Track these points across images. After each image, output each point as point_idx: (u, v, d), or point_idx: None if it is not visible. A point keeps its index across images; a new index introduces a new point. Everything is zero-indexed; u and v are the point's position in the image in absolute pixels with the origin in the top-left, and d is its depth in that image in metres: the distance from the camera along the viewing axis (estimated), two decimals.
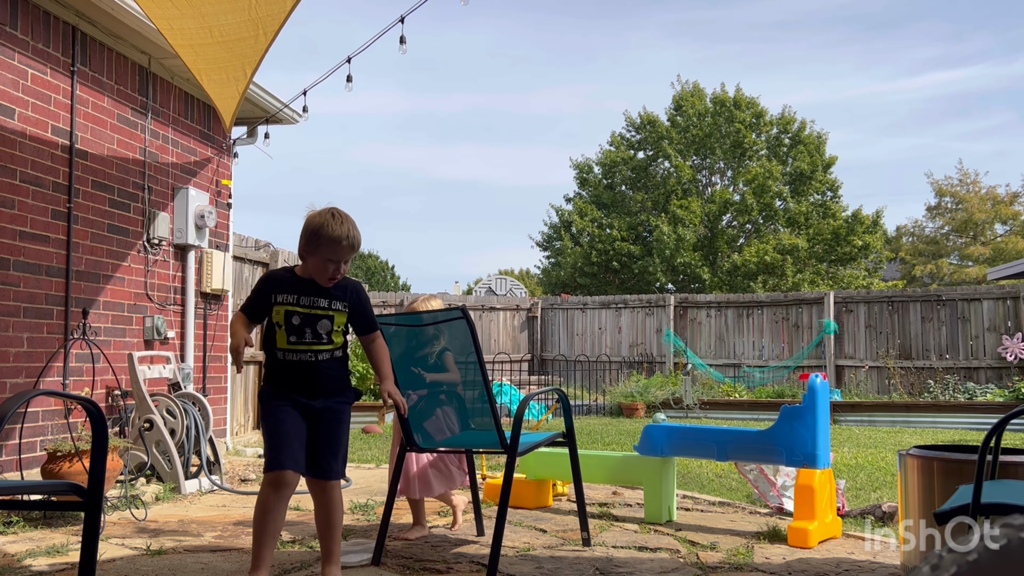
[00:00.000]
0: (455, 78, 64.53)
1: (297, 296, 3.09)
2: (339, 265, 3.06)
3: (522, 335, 16.19)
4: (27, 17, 4.98)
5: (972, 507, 2.46)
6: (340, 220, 3.04)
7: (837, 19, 48.70)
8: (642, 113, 25.61)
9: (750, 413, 11.41)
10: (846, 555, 3.71)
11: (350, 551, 3.61)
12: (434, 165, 65.23)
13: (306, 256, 3.08)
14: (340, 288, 3.14)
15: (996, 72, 48.21)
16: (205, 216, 6.50)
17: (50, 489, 3.07)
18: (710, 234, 24.03)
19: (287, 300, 3.09)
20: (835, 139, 52.75)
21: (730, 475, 5.98)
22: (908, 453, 3.41)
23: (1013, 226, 29.42)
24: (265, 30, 4.99)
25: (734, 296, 15.02)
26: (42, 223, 5.08)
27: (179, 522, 4.44)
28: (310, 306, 3.09)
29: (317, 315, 3.09)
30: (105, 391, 5.57)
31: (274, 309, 3.08)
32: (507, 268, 41.71)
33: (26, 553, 3.66)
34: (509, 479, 3.40)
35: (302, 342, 3.07)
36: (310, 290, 3.10)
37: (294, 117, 7.27)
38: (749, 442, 4.24)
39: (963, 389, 12.25)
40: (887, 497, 4.97)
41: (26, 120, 4.96)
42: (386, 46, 5.77)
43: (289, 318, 3.07)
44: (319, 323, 3.09)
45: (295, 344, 3.08)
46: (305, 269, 3.12)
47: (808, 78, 51.24)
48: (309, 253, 3.06)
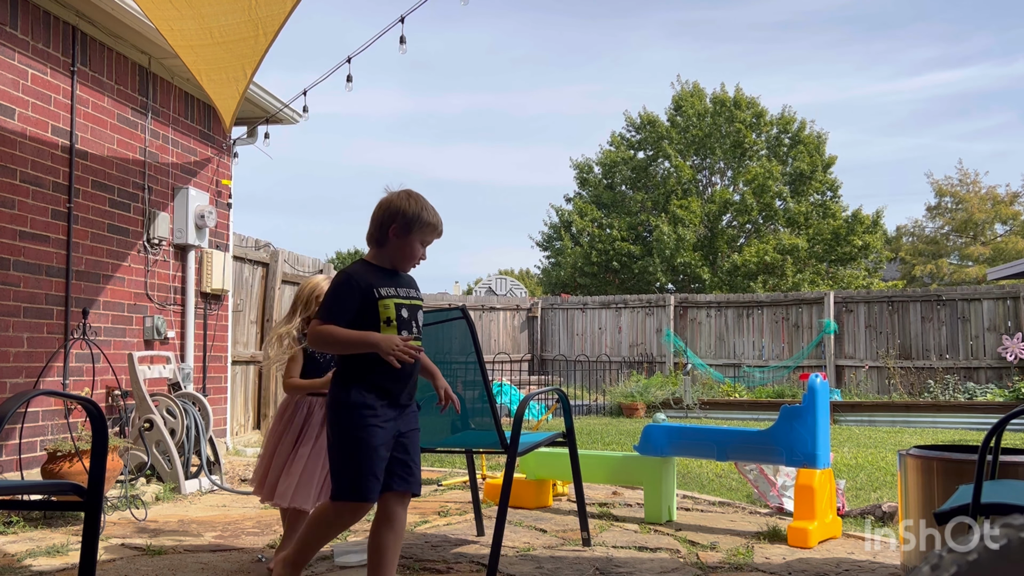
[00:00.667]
0: (456, 78, 64.57)
1: (396, 288, 2.85)
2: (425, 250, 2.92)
3: (522, 335, 16.19)
4: (27, 17, 4.98)
5: (972, 507, 2.46)
6: (431, 207, 2.90)
7: (838, 19, 48.69)
8: (642, 113, 25.61)
9: (750, 413, 11.40)
10: (846, 555, 3.71)
11: (350, 551, 3.61)
12: (434, 165, 65.26)
13: (393, 240, 2.85)
14: (412, 279, 2.98)
15: (996, 72, 48.23)
16: (205, 216, 6.50)
17: (50, 489, 3.07)
18: (710, 234, 24.02)
19: (390, 292, 2.82)
20: (835, 139, 52.78)
21: (730, 475, 5.98)
22: (908, 453, 3.41)
23: (1013, 226, 29.41)
24: (265, 30, 4.99)
25: (734, 296, 15.03)
26: (42, 223, 5.08)
27: (179, 522, 4.44)
28: (408, 297, 2.88)
29: (416, 305, 2.90)
30: (105, 391, 5.57)
31: (381, 304, 2.78)
32: (507, 268, 41.69)
33: (26, 553, 3.66)
34: (509, 479, 3.40)
35: (412, 337, 2.84)
36: (400, 281, 2.90)
37: (294, 117, 7.27)
38: (749, 442, 4.24)
39: (963, 389, 12.25)
40: (887, 497, 4.97)
41: (26, 120, 4.96)
42: (387, 46, 5.77)
43: (399, 311, 2.81)
44: (418, 314, 2.90)
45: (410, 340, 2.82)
46: (382, 257, 2.89)
47: (809, 78, 51.24)
48: (399, 237, 2.84)
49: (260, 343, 8.54)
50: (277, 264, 8.67)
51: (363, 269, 2.86)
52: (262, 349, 8.43)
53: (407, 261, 2.90)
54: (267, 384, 8.49)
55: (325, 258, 12.49)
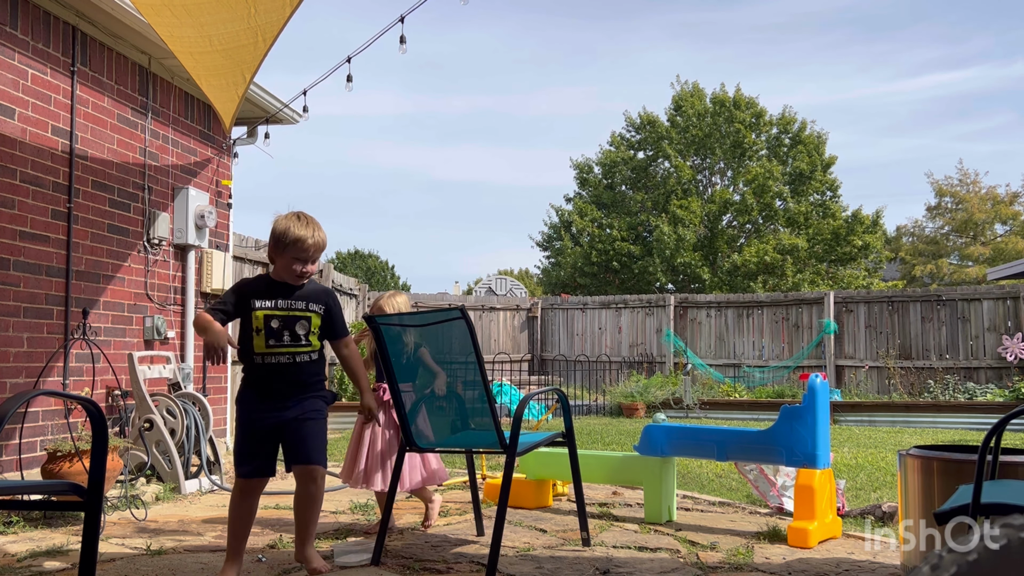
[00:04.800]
0: (456, 79, 64.55)
1: (275, 300, 3.24)
2: (306, 264, 3.24)
3: (522, 335, 16.19)
4: (27, 17, 4.98)
5: (972, 507, 2.46)
6: (305, 222, 3.26)
7: (839, 21, 48.71)
8: (642, 113, 25.61)
9: (750, 413, 11.40)
10: (846, 555, 3.71)
11: (350, 551, 3.60)
12: (434, 165, 65.25)
13: (275, 258, 3.25)
14: (315, 292, 3.31)
15: (996, 73, 48.23)
16: (205, 216, 6.50)
17: (50, 489, 3.07)
18: (710, 234, 24.02)
19: (265, 305, 3.22)
20: (836, 140, 52.79)
21: (730, 475, 5.98)
22: (908, 453, 3.41)
23: (1013, 226, 29.41)
24: (264, 36, 4.98)
25: (734, 296, 15.02)
26: (42, 223, 5.08)
27: (179, 522, 4.44)
28: (288, 308, 3.24)
29: (295, 316, 3.25)
30: (105, 391, 5.57)
31: (253, 315, 3.20)
32: (507, 268, 41.70)
33: (26, 553, 3.66)
34: (509, 479, 3.40)
35: (281, 345, 3.21)
36: (286, 293, 3.25)
37: (294, 117, 7.27)
38: (749, 442, 4.23)
39: (963, 389, 12.25)
40: (887, 497, 4.97)
41: (26, 120, 4.96)
42: (388, 47, 5.76)
43: (268, 322, 3.20)
44: (297, 324, 3.24)
45: (274, 347, 3.21)
46: (277, 272, 3.28)
47: (809, 79, 51.24)
48: (278, 255, 3.24)
49: None
50: None
51: (257, 282, 3.29)
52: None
53: (287, 275, 3.25)
54: None
55: (325, 258, 12.48)
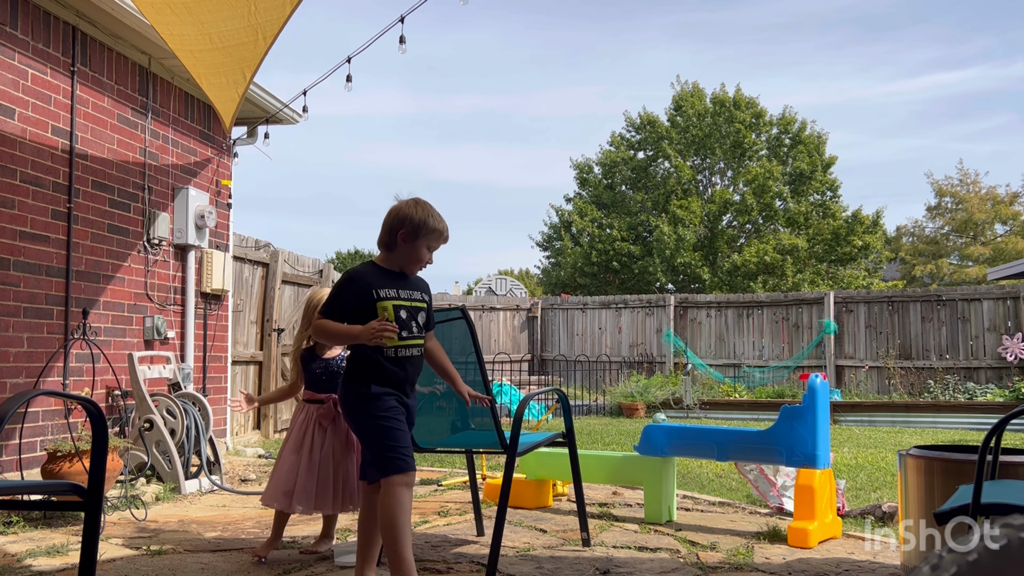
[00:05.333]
0: (458, 80, 64.55)
1: (397, 290, 3.05)
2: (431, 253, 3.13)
3: (522, 335, 16.19)
4: (27, 17, 4.98)
5: (972, 507, 2.46)
6: (438, 214, 3.12)
7: (839, 21, 48.67)
8: (642, 113, 25.60)
9: (750, 413, 11.40)
10: (846, 555, 3.71)
11: (350, 551, 3.60)
12: (435, 165, 65.23)
13: (402, 245, 3.05)
14: (421, 282, 3.19)
15: (996, 74, 48.20)
16: (205, 216, 6.50)
17: (50, 489, 3.07)
18: (710, 234, 24.01)
19: (391, 295, 3.03)
20: (836, 140, 52.73)
21: (730, 475, 5.98)
22: (908, 453, 3.41)
23: (1013, 226, 29.40)
24: (264, 35, 4.98)
25: (734, 296, 15.02)
26: (42, 223, 5.08)
27: (179, 522, 4.44)
28: (410, 299, 3.08)
29: (417, 307, 3.10)
30: (105, 391, 5.57)
31: (380, 305, 2.98)
32: (507, 268, 41.67)
33: (26, 553, 3.66)
34: (509, 479, 3.40)
35: (412, 336, 3.05)
36: (405, 283, 3.10)
37: (294, 117, 7.27)
38: (749, 442, 4.24)
39: (963, 389, 12.25)
40: (887, 497, 4.97)
41: (26, 120, 4.96)
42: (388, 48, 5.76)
43: (398, 312, 3.02)
44: (419, 315, 3.10)
45: (407, 339, 3.03)
46: (394, 260, 3.09)
47: (809, 80, 51.19)
48: (406, 242, 3.04)
49: (260, 343, 8.54)
50: (277, 264, 8.67)
51: (368, 271, 3.08)
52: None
53: (414, 264, 3.11)
54: (267, 384, 8.49)
55: (325, 258, 12.49)
